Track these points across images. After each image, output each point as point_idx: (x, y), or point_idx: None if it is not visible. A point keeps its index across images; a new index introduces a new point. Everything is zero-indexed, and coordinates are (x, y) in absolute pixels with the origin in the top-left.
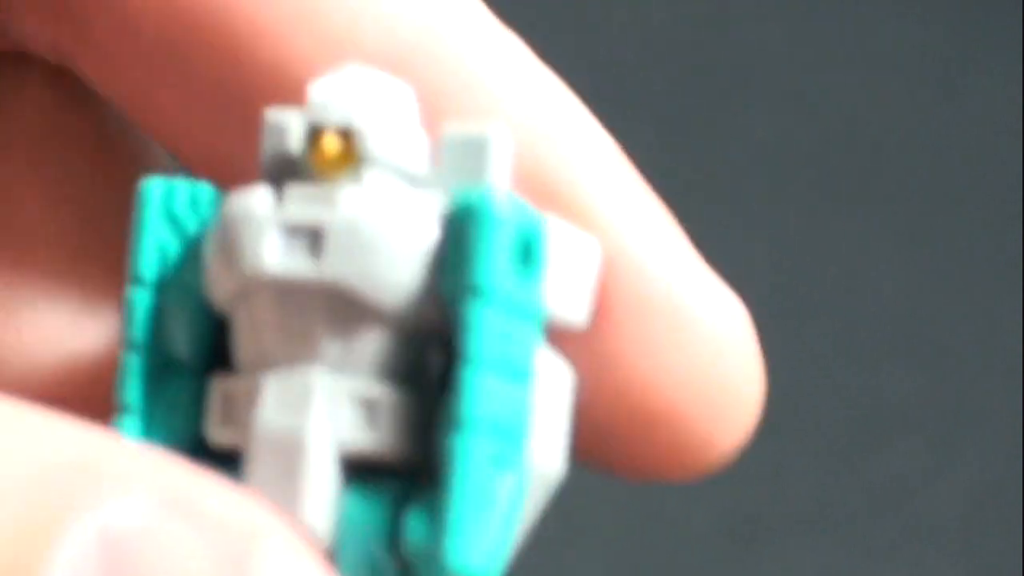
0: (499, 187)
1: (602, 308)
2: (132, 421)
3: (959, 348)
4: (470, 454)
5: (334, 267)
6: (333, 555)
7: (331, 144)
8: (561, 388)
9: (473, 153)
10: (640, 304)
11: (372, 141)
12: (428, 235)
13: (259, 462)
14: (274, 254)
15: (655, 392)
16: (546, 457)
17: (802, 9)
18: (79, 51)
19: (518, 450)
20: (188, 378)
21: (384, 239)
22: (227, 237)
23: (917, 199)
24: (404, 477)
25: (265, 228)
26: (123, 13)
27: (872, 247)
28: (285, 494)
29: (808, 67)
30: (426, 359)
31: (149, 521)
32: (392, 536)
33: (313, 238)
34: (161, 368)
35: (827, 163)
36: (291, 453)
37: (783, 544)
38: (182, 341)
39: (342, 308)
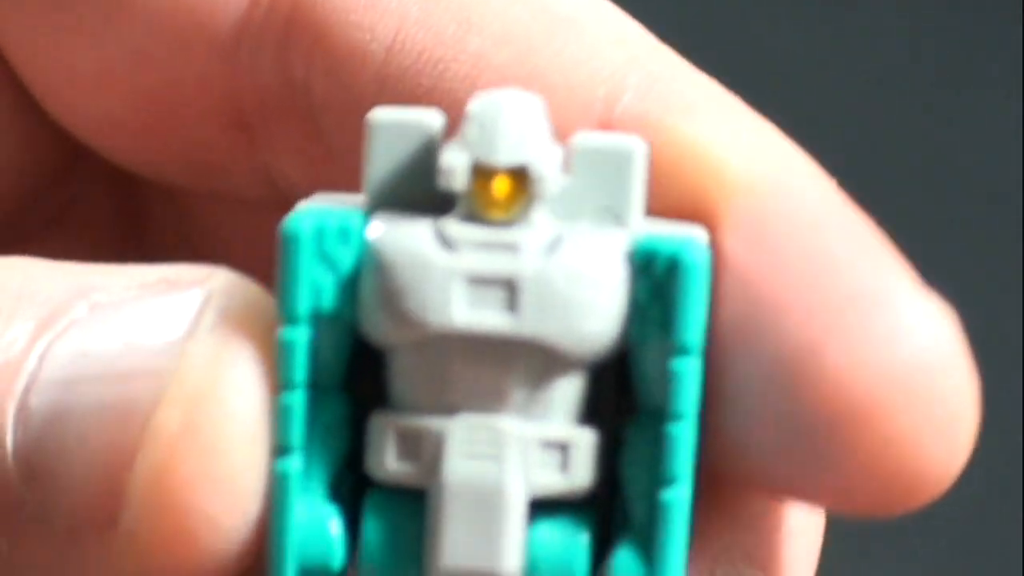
0: (698, 237)
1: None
2: (294, 460)
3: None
4: (683, 508)
5: (532, 322)
6: None
7: (503, 186)
8: None
9: (614, 167)
10: (834, 291)
11: (546, 182)
12: (621, 282)
13: (453, 509)
14: (464, 308)
15: (853, 382)
16: None
17: (802, 9)
18: None
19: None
20: (334, 403)
21: (583, 293)
22: (397, 284)
23: (917, 199)
24: (580, 507)
25: (450, 280)
26: None
27: None
28: (483, 541)
29: (807, 67)
30: (599, 392)
31: None
32: (587, 571)
33: (505, 291)
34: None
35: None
36: (489, 501)
37: None
38: (329, 370)
39: (539, 359)
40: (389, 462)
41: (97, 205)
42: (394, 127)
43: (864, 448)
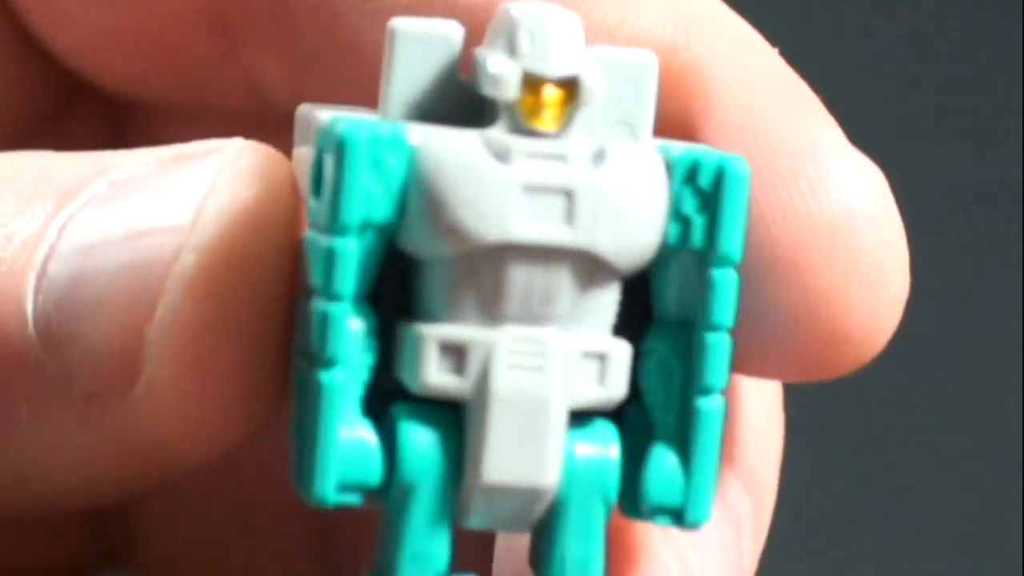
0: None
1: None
2: (338, 373)
3: (959, 348)
4: (717, 418)
5: (588, 231)
6: (560, 503)
7: (552, 95)
8: None
9: (630, 80)
10: (765, 146)
11: (595, 92)
12: (665, 194)
13: (499, 421)
14: (522, 219)
15: (780, 232)
16: None
17: (802, 9)
18: None
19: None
20: (366, 314)
21: (635, 203)
22: (454, 196)
23: (917, 199)
24: (603, 417)
25: (508, 191)
26: None
27: None
28: (528, 450)
29: (807, 66)
30: (629, 302)
31: None
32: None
33: (563, 201)
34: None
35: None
36: (534, 412)
37: (783, 544)
38: (365, 281)
39: (586, 269)
40: (431, 375)
41: (87, 144)
42: (419, 38)
43: (790, 299)
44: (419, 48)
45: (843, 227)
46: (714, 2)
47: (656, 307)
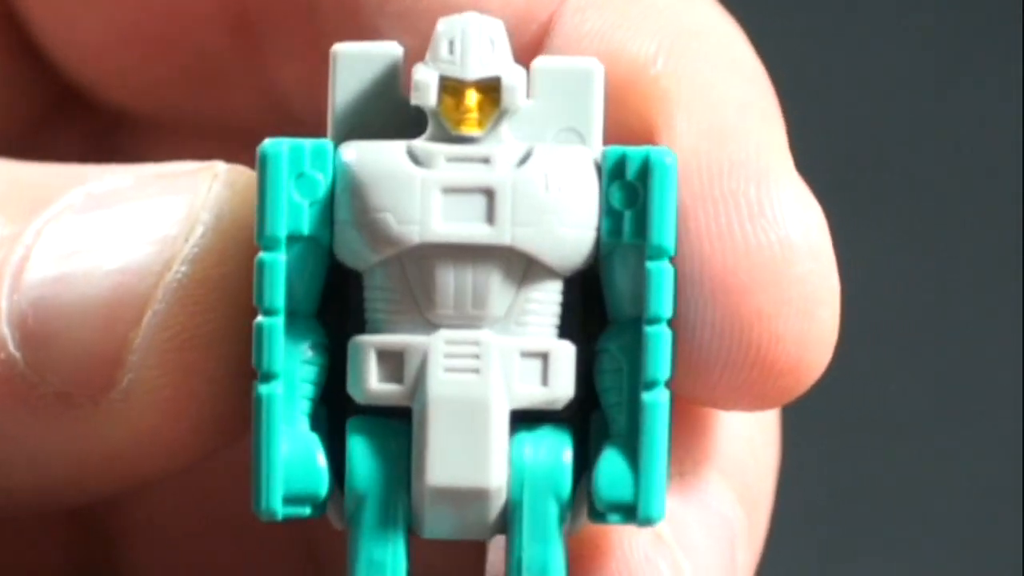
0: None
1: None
2: (276, 386)
3: (959, 348)
4: (663, 411)
5: (510, 228)
6: (513, 507)
7: (472, 100)
8: None
9: (576, 87)
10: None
11: (516, 93)
12: (593, 189)
13: (438, 424)
14: (442, 219)
15: (714, 260)
16: None
17: (801, 9)
18: None
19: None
20: (311, 331)
21: (558, 200)
22: (375, 200)
23: (917, 198)
24: (559, 422)
25: (428, 192)
26: None
27: (872, 246)
28: (469, 452)
29: (806, 67)
30: (569, 309)
31: None
32: (571, 482)
33: (483, 200)
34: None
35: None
36: (474, 413)
37: (783, 544)
38: (305, 298)
39: (517, 269)
40: (372, 383)
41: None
42: (359, 57)
43: (716, 319)
44: (360, 69)
45: (778, 255)
46: (714, 18)
47: (607, 306)
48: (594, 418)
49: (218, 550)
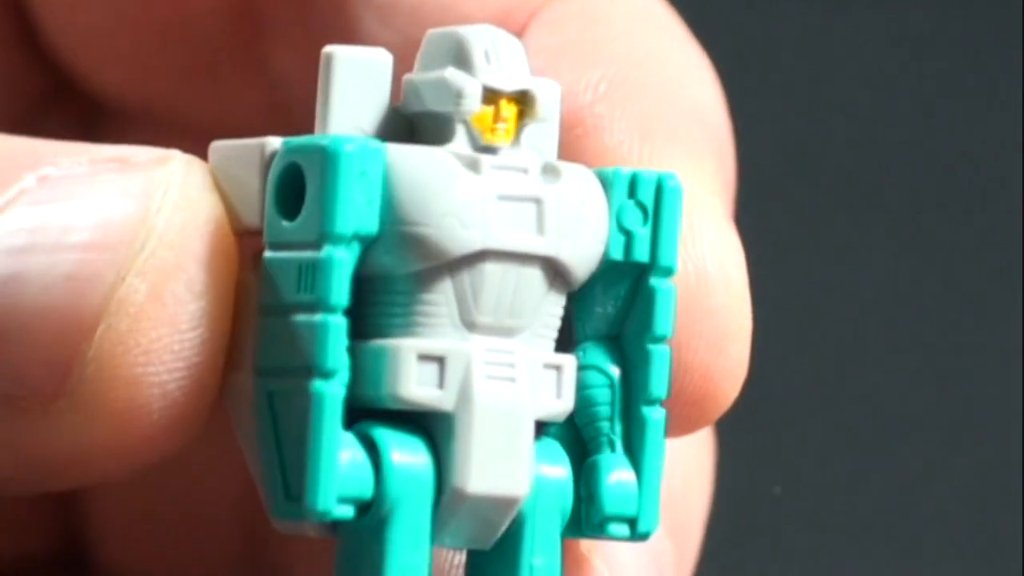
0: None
1: None
2: (335, 384)
3: (958, 348)
4: (662, 428)
5: (555, 241)
6: (525, 517)
7: (510, 111)
8: None
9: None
10: None
11: (547, 106)
12: (607, 210)
13: (484, 431)
14: (501, 227)
15: None
16: None
17: (800, 8)
18: None
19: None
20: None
21: (588, 216)
22: (437, 203)
23: (917, 198)
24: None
25: (486, 200)
26: None
27: (872, 246)
28: (507, 462)
29: (806, 66)
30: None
31: None
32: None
33: (535, 210)
34: None
35: (827, 163)
36: (513, 423)
37: (782, 544)
38: (343, 295)
39: (546, 280)
40: (411, 387)
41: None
42: (350, 61)
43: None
44: (355, 72)
45: (692, 286)
46: (667, 47)
47: (588, 323)
48: (553, 429)
49: (177, 543)
